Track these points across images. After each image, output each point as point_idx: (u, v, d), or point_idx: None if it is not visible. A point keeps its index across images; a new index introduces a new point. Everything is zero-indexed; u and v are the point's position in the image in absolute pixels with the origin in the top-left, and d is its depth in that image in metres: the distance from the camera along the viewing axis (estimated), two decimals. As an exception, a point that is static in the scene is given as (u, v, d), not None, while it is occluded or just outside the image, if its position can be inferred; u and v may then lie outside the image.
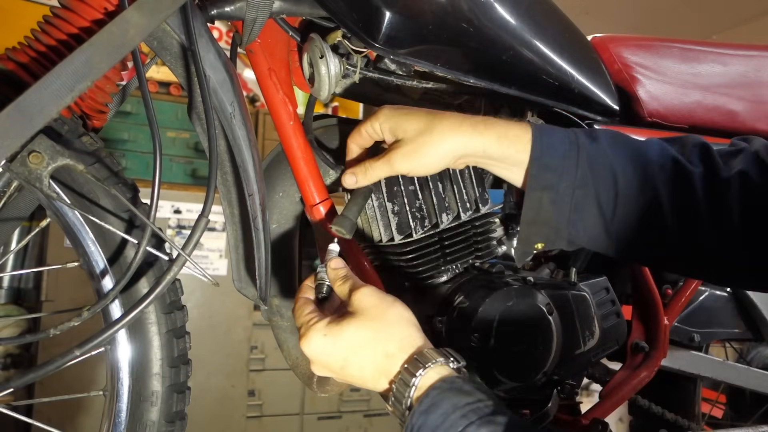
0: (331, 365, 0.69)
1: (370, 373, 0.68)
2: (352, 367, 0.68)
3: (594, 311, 1.00)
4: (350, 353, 0.68)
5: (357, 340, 0.68)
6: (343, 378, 0.70)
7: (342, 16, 0.80)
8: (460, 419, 0.59)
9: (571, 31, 0.98)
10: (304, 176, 0.90)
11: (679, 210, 0.77)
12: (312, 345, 0.69)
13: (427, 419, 0.61)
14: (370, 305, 0.69)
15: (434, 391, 0.63)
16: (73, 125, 0.77)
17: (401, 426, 0.66)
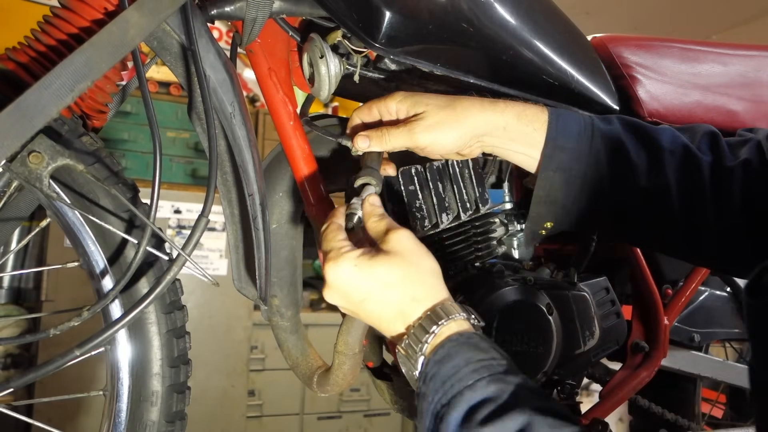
0: (352, 296, 0.68)
1: (391, 312, 0.67)
2: (374, 302, 0.67)
3: (594, 311, 1.00)
4: (376, 288, 0.67)
5: (388, 277, 0.67)
6: (356, 311, 0.69)
7: (342, 16, 0.80)
8: (472, 373, 0.59)
9: (571, 31, 0.98)
10: (304, 176, 0.90)
11: (687, 196, 0.78)
12: (339, 271, 0.68)
13: (440, 369, 0.61)
14: (407, 249, 0.69)
15: (450, 343, 0.63)
16: (73, 125, 0.77)
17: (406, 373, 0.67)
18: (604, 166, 0.79)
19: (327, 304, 3.36)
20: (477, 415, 0.57)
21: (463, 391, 0.59)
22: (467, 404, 0.58)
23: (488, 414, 0.56)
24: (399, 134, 0.80)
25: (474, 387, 0.58)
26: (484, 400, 0.57)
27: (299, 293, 1.04)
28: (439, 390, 0.60)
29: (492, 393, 0.58)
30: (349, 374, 0.94)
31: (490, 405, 0.57)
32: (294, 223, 1.00)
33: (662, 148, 0.79)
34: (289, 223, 1.00)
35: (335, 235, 0.71)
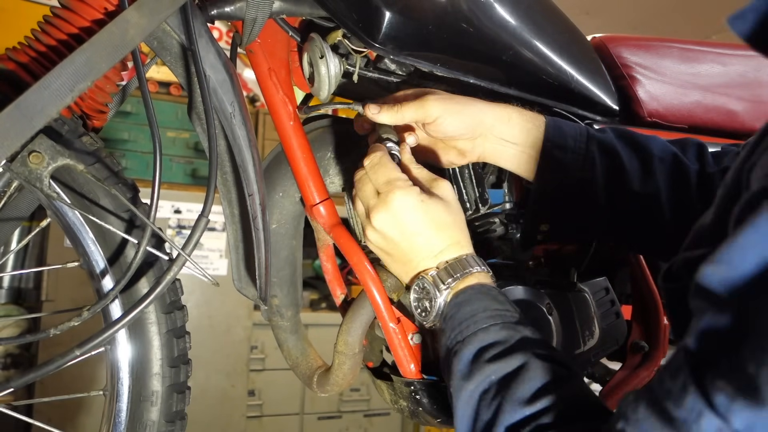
0: (409, 225, 0.73)
1: (435, 248, 0.73)
2: (424, 236, 0.73)
3: (594, 311, 1.00)
4: (432, 225, 0.73)
5: (441, 217, 0.73)
6: (404, 240, 0.74)
7: (342, 16, 0.80)
8: (487, 319, 0.66)
9: (571, 31, 0.98)
10: (304, 176, 0.90)
11: (675, 202, 0.82)
12: (408, 199, 0.72)
13: (458, 311, 0.68)
14: (453, 198, 0.76)
15: (472, 290, 0.70)
16: (73, 125, 0.77)
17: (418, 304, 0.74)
18: (599, 170, 0.82)
19: (327, 303, 3.34)
20: (486, 354, 0.63)
21: (477, 332, 0.65)
22: (479, 344, 0.64)
23: (495, 353, 0.62)
24: (410, 105, 0.82)
25: (487, 330, 0.65)
26: (494, 343, 0.63)
27: (299, 293, 1.04)
28: (456, 329, 0.67)
29: (502, 337, 0.64)
30: (349, 374, 0.94)
31: (498, 347, 0.63)
32: (294, 223, 1.00)
33: (653, 155, 0.83)
34: (289, 223, 1.00)
35: (392, 166, 0.76)
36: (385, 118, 0.82)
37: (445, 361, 0.67)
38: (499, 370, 0.61)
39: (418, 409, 0.87)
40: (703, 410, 0.39)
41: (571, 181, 0.82)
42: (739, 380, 0.37)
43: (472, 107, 0.83)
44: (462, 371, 0.63)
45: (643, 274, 1.13)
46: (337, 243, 0.90)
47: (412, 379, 0.85)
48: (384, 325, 0.84)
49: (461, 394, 0.62)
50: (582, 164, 0.82)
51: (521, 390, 0.58)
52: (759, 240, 0.38)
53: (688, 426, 0.40)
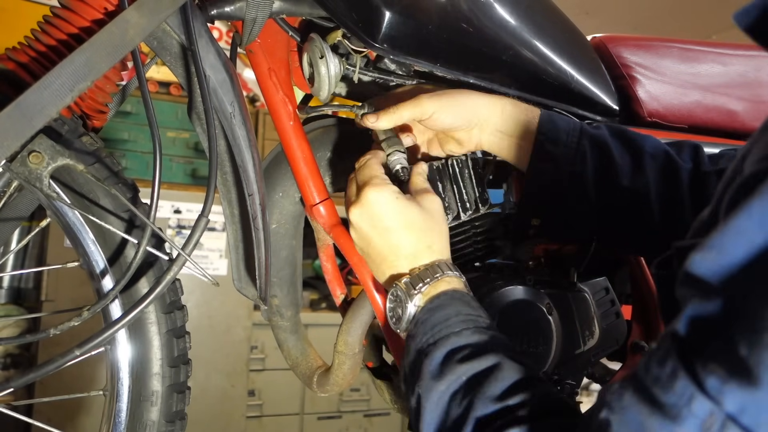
0: (381, 221, 0.74)
1: (406, 249, 0.74)
2: (396, 234, 0.74)
3: (594, 311, 1.00)
4: (404, 225, 0.74)
5: (416, 220, 0.74)
6: (373, 239, 0.75)
7: (342, 16, 0.80)
8: (459, 323, 0.67)
9: (571, 31, 0.98)
10: (304, 176, 0.90)
11: (665, 200, 0.82)
12: (382, 195, 0.74)
13: (431, 316, 0.69)
14: (436, 210, 0.77)
15: (445, 296, 0.70)
16: (73, 125, 0.77)
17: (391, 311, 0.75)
18: (589, 164, 0.83)
19: (327, 303, 3.33)
20: (457, 355, 0.64)
21: (449, 335, 0.66)
22: (451, 346, 0.65)
23: (467, 354, 0.63)
24: (406, 105, 0.83)
25: (459, 334, 0.65)
26: (466, 345, 0.64)
27: (299, 293, 1.04)
28: (428, 332, 0.67)
29: (474, 340, 0.65)
30: (349, 374, 0.94)
31: (470, 348, 0.64)
32: (294, 223, 1.00)
33: (644, 151, 0.84)
34: (289, 223, 1.00)
35: (378, 167, 0.78)
36: (384, 124, 0.84)
37: (414, 364, 0.67)
38: (471, 369, 0.61)
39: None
40: (695, 394, 0.38)
41: (562, 174, 0.83)
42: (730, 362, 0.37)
43: (467, 100, 0.84)
44: (432, 372, 0.63)
45: (643, 274, 1.13)
46: (337, 243, 0.90)
47: (412, 379, 0.85)
48: (384, 325, 0.84)
49: (431, 395, 0.62)
50: (573, 158, 0.83)
51: (493, 387, 0.59)
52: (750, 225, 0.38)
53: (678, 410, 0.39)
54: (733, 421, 0.37)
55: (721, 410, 0.37)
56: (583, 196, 0.84)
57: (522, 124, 0.84)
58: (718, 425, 0.37)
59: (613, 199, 0.84)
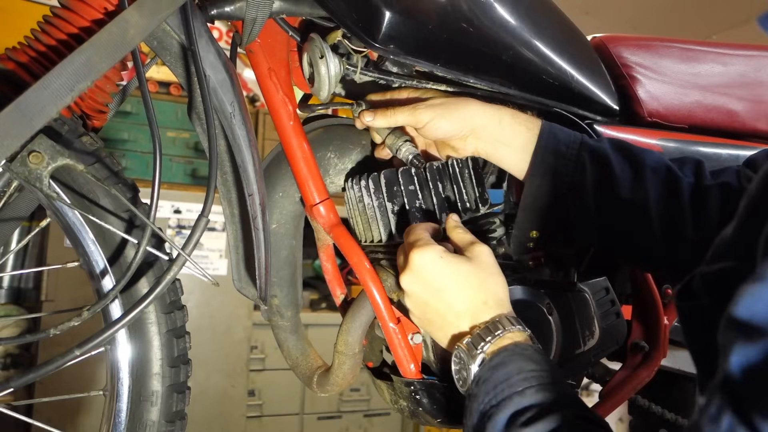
0: (432, 283, 0.73)
1: (461, 308, 0.72)
2: (450, 295, 0.73)
3: (594, 311, 1.00)
4: (456, 283, 0.73)
5: (467, 277, 0.73)
6: (429, 300, 0.74)
7: (342, 16, 0.80)
8: (522, 381, 0.64)
9: (571, 31, 0.98)
10: (304, 176, 0.90)
11: (665, 213, 0.82)
12: (427, 257, 0.73)
13: (493, 374, 0.67)
14: (487, 261, 0.76)
15: (506, 352, 0.68)
16: (73, 125, 0.77)
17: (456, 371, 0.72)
18: (589, 177, 0.83)
19: (327, 303, 3.33)
20: (521, 418, 0.61)
21: (512, 396, 0.63)
22: (515, 407, 0.62)
23: (531, 416, 0.61)
24: (402, 110, 0.84)
25: (523, 393, 0.63)
26: (529, 406, 0.62)
27: (299, 293, 1.04)
28: (490, 392, 0.65)
29: (537, 400, 0.63)
30: (349, 374, 0.94)
31: (534, 410, 0.62)
32: (294, 223, 1.00)
33: (645, 165, 0.83)
34: (289, 223, 1.00)
35: (423, 231, 0.78)
36: (380, 123, 0.86)
37: (478, 425, 0.66)
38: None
39: (418, 409, 0.86)
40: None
41: (561, 186, 0.83)
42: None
43: (463, 109, 0.84)
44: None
45: (643, 274, 1.13)
46: (337, 243, 0.90)
47: (412, 379, 0.85)
48: (384, 325, 0.84)
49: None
50: (572, 170, 0.83)
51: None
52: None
53: None
54: None
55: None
56: (582, 208, 0.83)
57: (520, 134, 0.84)
58: None
59: (613, 212, 0.83)
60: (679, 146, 1.02)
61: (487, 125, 0.84)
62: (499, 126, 0.84)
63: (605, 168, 0.83)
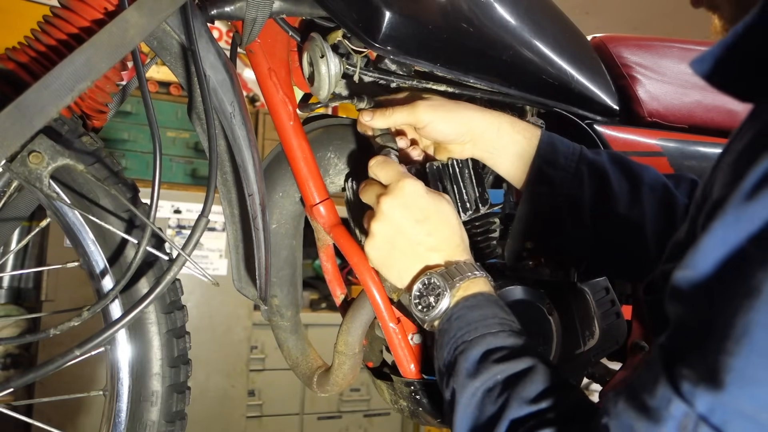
0: (416, 212, 0.74)
1: (438, 242, 0.74)
2: (431, 226, 0.74)
3: (594, 311, 1.00)
4: (438, 218, 0.74)
5: (448, 216, 0.75)
6: (410, 225, 0.74)
7: (342, 16, 0.80)
8: (496, 324, 0.68)
9: (571, 31, 0.98)
10: (304, 176, 0.90)
11: (660, 232, 0.82)
12: (416, 187, 0.74)
13: (468, 313, 0.69)
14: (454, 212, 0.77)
15: (482, 297, 0.71)
16: (73, 125, 0.77)
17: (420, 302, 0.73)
18: (586, 190, 0.83)
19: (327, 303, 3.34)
20: (493, 356, 0.65)
21: (486, 335, 0.67)
22: (488, 346, 0.66)
23: (503, 356, 0.64)
24: (402, 110, 0.84)
25: (496, 335, 0.67)
26: (502, 347, 0.65)
27: (299, 293, 1.04)
28: (464, 328, 0.68)
29: (509, 343, 0.66)
30: (349, 374, 0.94)
31: (505, 350, 0.65)
32: (294, 223, 1.00)
33: (643, 182, 0.84)
34: (289, 223, 1.00)
35: (394, 165, 0.78)
36: (378, 123, 0.86)
37: (448, 359, 0.68)
38: (507, 370, 0.62)
39: (418, 409, 0.87)
40: (672, 397, 0.43)
41: (559, 198, 0.83)
42: (701, 368, 0.42)
43: (463, 114, 0.84)
44: (468, 369, 0.65)
45: (643, 274, 1.13)
46: (337, 243, 0.90)
47: (412, 379, 0.85)
48: (384, 325, 0.84)
49: (465, 391, 0.64)
50: (570, 182, 0.83)
51: (528, 389, 0.60)
52: (715, 245, 0.42)
53: (659, 413, 0.44)
54: (704, 421, 0.41)
55: (693, 411, 0.42)
56: (578, 221, 0.84)
57: (519, 143, 0.84)
58: (692, 425, 0.42)
59: (608, 227, 0.84)
60: (679, 146, 1.02)
61: (486, 132, 0.84)
62: (498, 134, 0.84)
63: (603, 182, 0.83)
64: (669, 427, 0.43)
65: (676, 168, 1.01)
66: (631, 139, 0.99)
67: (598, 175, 0.83)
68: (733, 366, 0.39)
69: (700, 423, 0.41)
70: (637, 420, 0.45)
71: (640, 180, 0.84)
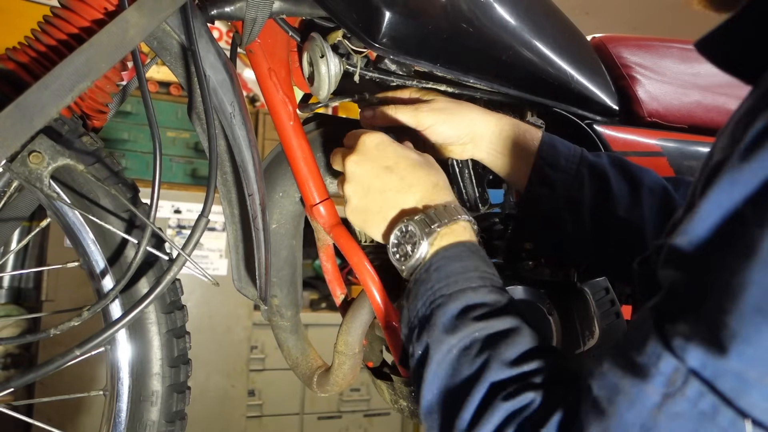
0: (384, 160, 0.72)
1: (413, 186, 0.70)
2: (402, 170, 0.71)
3: (594, 311, 1.00)
4: (408, 162, 0.72)
5: (418, 159, 0.73)
6: (378, 178, 0.71)
7: (342, 16, 0.80)
8: (478, 279, 0.64)
9: (571, 31, 0.98)
10: (304, 176, 0.90)
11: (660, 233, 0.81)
12: (377, 137, 0.73)
13: (448, 264, 0.65)
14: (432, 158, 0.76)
15: (463, 247, 0.66)
16: (74, 125, 0.77)
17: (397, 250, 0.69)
18: (587, 192, 0.83)
19: (327, 303, 3.33)
20: (473, 312, 0.61)
21: (466, 290, 0.62)
22: (467, 301, 0.62)
23: (483, 313, 0.61)
24: (405, 111, 0.84)
25: (477, 290, 0.62)
26: (482, 303, 0.62)
27: (299, 293, 1.04)
28: (443, 281, 0.64)
29: (491, 300, 0.62)
30: (349, 374, 0.94)
31: (486, 308, 0.61)
32: (294, 223, 1.00)
33: (643, 185, 0.84)
34: (289, 223, 1.00)
35: (361, 129, 0.78)
36: (380, 122, 0.86)
37: (425, 312, 0.64)
38: (487, 329, 0.59)
39: (418, 409, 0.86)
40: (662, 353, 0.43)
41: (559, 200, 0.83)
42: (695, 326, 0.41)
43: (465, 116, 0.84)
44: (445, 324, 0.61)
45: (643, 274, 1.13)
46: (337, 243, 0.90)
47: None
48: (384, 325, 0.84)
49: (440, 347, 0.60)
50: (570, 184, 0.83)
51: (509, 351, 0.57)
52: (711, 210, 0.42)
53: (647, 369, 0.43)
54: (695, 375, 0.41)
55: (684, 366, 0.41)
56: (578, 223, 0.83)
57: (520, 144, 0.84)
58: (682, 380, 0.41)
59: (608, 229, 0.83)
60: (678, 146, 1.02)
61: (487, 134, 0.84)
62: (499, 136, 0.84)
63: (603, 184, 0.83)
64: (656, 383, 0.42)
65: (676, 168, 1.01)
66: (630, 139, 1.00)
67: (598, 178, 0.83)
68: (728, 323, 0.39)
69: (690, 377, 0.41)
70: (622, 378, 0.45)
71: (640, 183, 0.84)
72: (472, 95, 0.94)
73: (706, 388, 0.41)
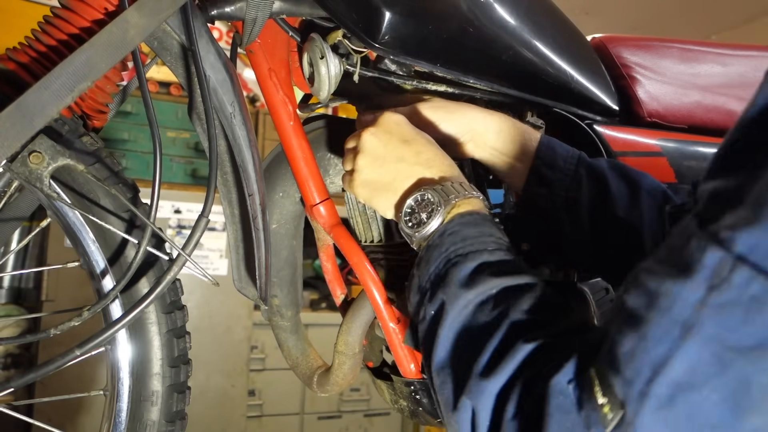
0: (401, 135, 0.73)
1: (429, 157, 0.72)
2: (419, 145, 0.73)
3: (594, 311, 1.00)
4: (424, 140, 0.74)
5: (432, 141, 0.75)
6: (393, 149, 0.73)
7: (342, 17, 0.81)
8: (493, 243, 0.64)
9: (571, 31, 0.98)
10: (304, 176, 0.90)
11: (659, 237, 0.81)
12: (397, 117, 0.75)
13: (463, 229, 0.65)
14: None
15: (478, 215, 0.67)
16: (74, 125, 0.77)
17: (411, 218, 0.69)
18: (585, 193, 0.82)
19: (327, 303, 3.33)
20: (490, 269, 0.61)
21: (482, 251, 0.62)
22: (482, 260, 0.62)
23: (499, 270, 0.60)
24: (404, 111, 0.84)
25: (493, 252, 0.63)
26: (498, 262, 0.62)
27: (299, 293, 1.04)
28: (459, 243, 0.64)
29: (506, 260, 0.63)
30: (349, 374, 0.94)
31: (503, 266, 0.61)
32: (294, 223, 1.00)
33: (641, 187, 0.83)
34: (289, 223, 1.00)
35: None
36: None
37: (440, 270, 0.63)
38: (504, 283, 0.58)
39: (418, 409, 0.87)
40: (707, 245, 0.39)
41: (557, 200, 0.83)
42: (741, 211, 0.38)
43: (464, 115, 0.84)
44: (462, 280, 0.60)
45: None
46: (337, 243, 0.90)
47: (412, 379, 0.85)
48: (384, 325, 0.84)
49: (456, 302, 0.59)
50: (568, 184, 0.83)
51: (528, 302, 0.56)
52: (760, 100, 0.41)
53: (690, 266, 0.40)
54: (742, 260, 0.38)
55: (731, 254, 0.38)
56: (576, 224, 0.83)
57: (518, 144, 0.84)
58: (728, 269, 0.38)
59: (606, 231, 0.83)
60: (678, 146, 1.02)
61: (486, 133, 0.84)
62: (498, 135, 0.84)
63: (602, 186, 0.83)
64: (700, 278, 0.39)
65: (676, 168, 1.01)
66: (630, 139, 0.99)
67: (596, 179, 0.83)
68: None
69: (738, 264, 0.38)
70: (660, 282, 0.41)
71: (638, 185, 0.84)
72: (472, 95, 0.94)
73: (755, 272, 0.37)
